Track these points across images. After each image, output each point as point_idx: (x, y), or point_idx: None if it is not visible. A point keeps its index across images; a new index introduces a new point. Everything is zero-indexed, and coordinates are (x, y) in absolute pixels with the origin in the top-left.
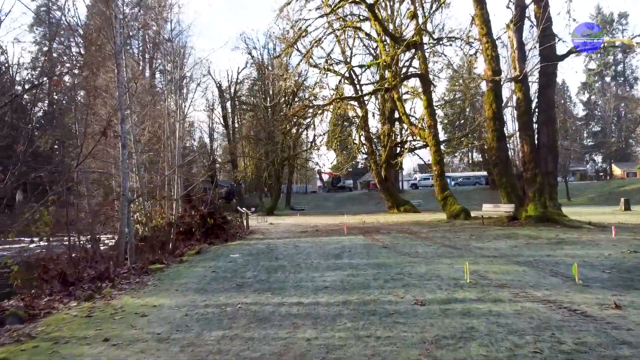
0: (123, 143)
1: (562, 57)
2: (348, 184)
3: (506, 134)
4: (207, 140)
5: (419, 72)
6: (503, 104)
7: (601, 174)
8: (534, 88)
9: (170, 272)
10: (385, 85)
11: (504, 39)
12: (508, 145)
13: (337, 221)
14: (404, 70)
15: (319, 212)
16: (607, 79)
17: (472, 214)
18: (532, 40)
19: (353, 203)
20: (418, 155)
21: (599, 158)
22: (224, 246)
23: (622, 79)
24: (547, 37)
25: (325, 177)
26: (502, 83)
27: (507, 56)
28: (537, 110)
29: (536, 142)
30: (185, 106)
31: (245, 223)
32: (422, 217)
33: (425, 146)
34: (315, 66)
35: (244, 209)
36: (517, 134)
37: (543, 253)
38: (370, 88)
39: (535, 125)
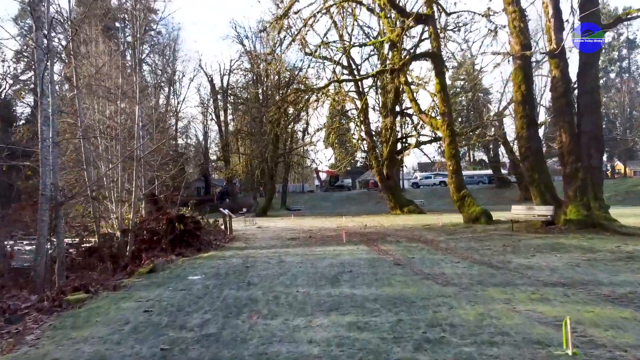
0: (43, 123)
1: (610, 26)
2: (346, 183)
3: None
4: (201, 139)
5: (430, 51)
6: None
7: (607, 172)
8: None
9: (84, 311)
10: (391, 66)
11: (529, 12)
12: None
13: (334, 224)
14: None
15: (315, 212)
16: (612, 75)
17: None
18: (569, 13)
19: (352, 203)
20: (422, 152)
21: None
22: (192, 259)
23: (627, 75)
24: (589, 0)
25: (323, 175)
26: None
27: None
28: (577, 91)
29: (576, 130)
30: (176, 102)
31: (228, 227)
32: (430, 219)
33: (431, 141)
34: (311, 54)
35: (226, 210)
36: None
37: (630, 279)
38: (371, 81)
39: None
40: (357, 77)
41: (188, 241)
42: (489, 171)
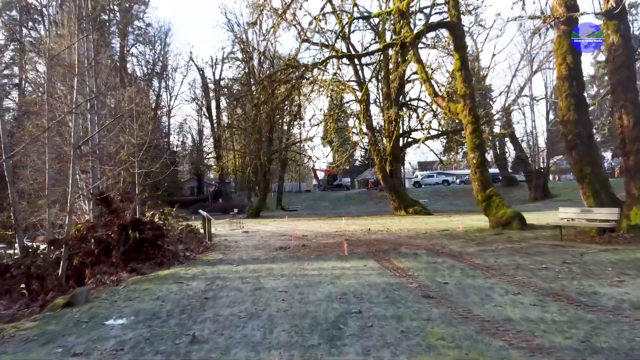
0: None
1: None
2: (345, 182)
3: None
4: (194, 136)
5: (448, 20)
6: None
7: (615, 171)
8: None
9: None
10: (401, 40)
11: None
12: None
13: (333, 227)
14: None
15: (312, 213)
16: None
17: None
18: None
19: (351, 203)
20: (429, 147)
21: (608, 154)
22: (141, 281)
23: None
24: None
25: (321, 174)
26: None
27: None
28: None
29: None
30: (168, 97)
31: (206, 232)
32: (443, 222)
33: (439, 135)
34: (307, 41)
35: (204, 212)
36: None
37: None
38: (374, 73)
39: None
40: (361, 53)
41: (147, 253)
42: (493, 169)
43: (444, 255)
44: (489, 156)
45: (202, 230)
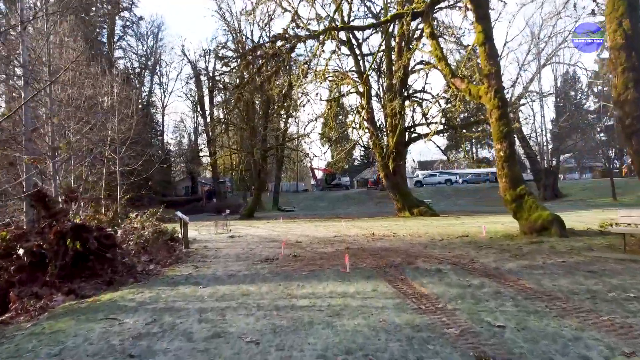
0: None
1: None
2: (344, 182)
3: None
4: (192, 135)
5: None
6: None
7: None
8: None
9: None
10: (412, 10)
11: None
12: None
13: (331, 231)
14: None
15: (309, 214)
16: None
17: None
18: None
19: (350, 203)
20: (434, 143)
21: (612, 154)
22: (66, 312)
23: None
24: None
25: (319, 173)
26: None
27: None
28: None
29: None
30: (162, 93)
31: (183, 238)
32: (454, 224)
33: (447, 129)
34: (303, 27)
35: (180, 213)
36: None
37: None
38: (376, 66)
39: None
40: (364, 25)
41: (93, 268)
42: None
43: (477, 274)
44: (491, 155)
45: (180, 235)
